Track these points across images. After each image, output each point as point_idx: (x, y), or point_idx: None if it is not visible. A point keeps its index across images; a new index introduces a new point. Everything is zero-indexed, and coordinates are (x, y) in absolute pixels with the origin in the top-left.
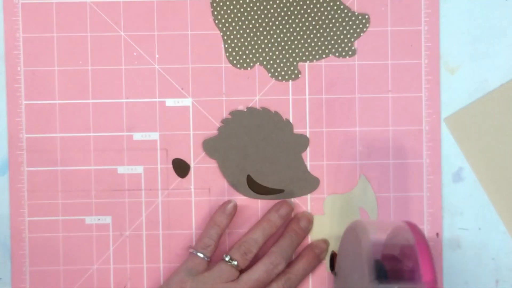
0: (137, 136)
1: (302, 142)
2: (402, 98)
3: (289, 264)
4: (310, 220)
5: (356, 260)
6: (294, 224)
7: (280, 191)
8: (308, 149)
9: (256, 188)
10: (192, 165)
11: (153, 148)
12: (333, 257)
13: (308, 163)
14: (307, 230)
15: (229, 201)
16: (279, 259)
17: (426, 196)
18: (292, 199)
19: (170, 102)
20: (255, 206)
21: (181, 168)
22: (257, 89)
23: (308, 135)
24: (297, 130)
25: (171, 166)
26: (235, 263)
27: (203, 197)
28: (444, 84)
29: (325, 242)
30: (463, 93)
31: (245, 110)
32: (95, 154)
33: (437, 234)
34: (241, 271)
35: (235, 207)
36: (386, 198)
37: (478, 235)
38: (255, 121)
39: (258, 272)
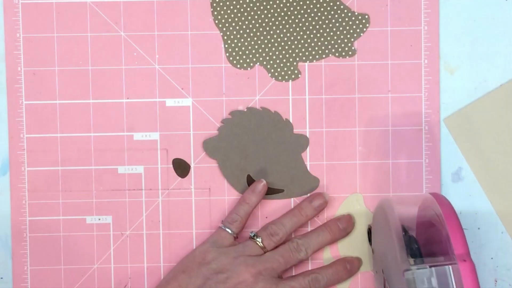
0: (138, 136)
1: (302, 142)
2: (402, 98)
3: (321, 268)
4: (350, 222)
5: (387, 237)
6: (332, 222)
7: (280, 191)
8: (308, 149)
9: None
10: (192, 165)
11: (153, 148)
12: (370, 230)
13: (308, 163)
14: (344, 232)
15: (260, 181)
16: (301, 247)
17: None
18: (327, 195)
19: (170, 102)
20: None
21: (181, 168)
22: (257, 89)
23: (308, 135)
24: (297, 130)
25: (171, 166)
26: (259, 240)
27: (203, 197)
28: (443, 84)
29: (359, 260)
30: (462, 93)
31: (245, 110)
32: (96, 154)
33: None
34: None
35: (265, 187)
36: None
37: (477, 234)
38: (255, 121)
39: (281, 251)
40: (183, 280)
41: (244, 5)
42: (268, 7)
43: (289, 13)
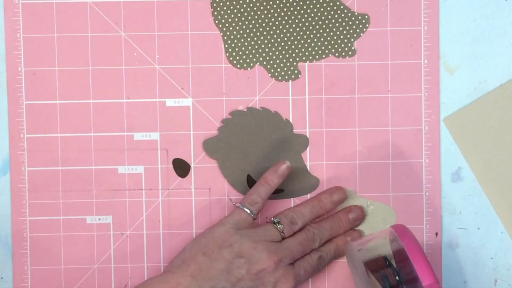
0: (138, 136)
1: (302, 142)
2: (401, 98)
3: (324, 246)
4: (360, 214)
5: (358, 277)
6: (342, 213)
7: (280, 190)
8: (308, 149)
9: None
10: (192, 165)
11: (153, 148)
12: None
13: (308, 163)
14: (353, 223)
15: (283, 162)
16: (316, 237)
17: (426, 196)
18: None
19: (170, 102)
20: None
21: (181, 168)
22: (257, 89)
23: (308, 135)
24: (297, 130)
25: (171, 166)
26: (281, 227)
27: (203, 197)
28: (443, 84)
29: (360, 232)
30: (462, 93)
31: (245, 110)
32: (96, 154)
33: (436, 234)
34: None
35: (288, 168)
36: (386, 198)
37: (477, 234)
38: (255, 121)
39: (299, 240)
40: (204, 263)
41: (244, 5)
42: (268, 7)
43: (289, 13)
